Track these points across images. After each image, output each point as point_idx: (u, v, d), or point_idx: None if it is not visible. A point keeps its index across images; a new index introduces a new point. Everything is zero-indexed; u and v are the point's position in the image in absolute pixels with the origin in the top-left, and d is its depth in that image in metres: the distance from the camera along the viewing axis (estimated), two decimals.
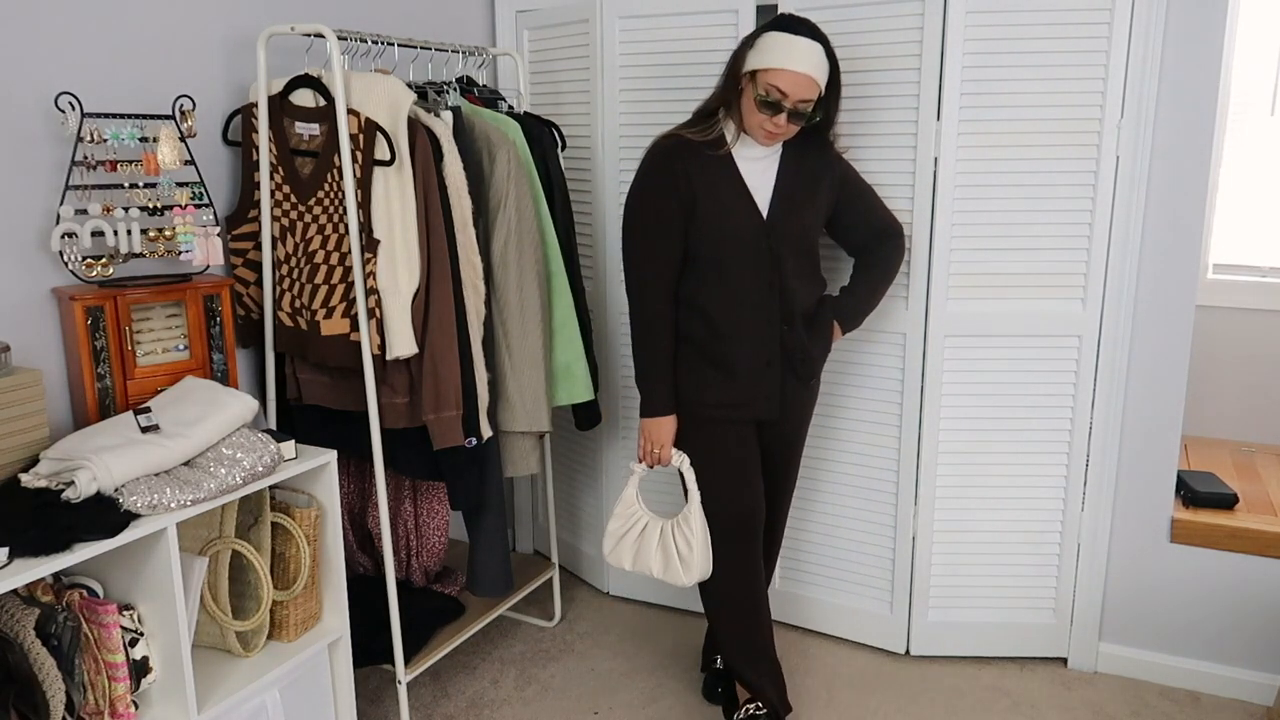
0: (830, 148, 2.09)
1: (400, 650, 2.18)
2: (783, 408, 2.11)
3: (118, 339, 1.81)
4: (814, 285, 2.11)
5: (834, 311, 2.13)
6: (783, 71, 1.86)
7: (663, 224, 1.98)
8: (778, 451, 2.20)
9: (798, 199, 2.02)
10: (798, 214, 2.02)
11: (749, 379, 2.04)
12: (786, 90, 1.87)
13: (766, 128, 1.92)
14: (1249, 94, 3.18)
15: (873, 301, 2.18)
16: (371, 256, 2.00)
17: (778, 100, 1.88)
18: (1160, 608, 2.45)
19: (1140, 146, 2.23)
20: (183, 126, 1.94)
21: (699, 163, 1.98)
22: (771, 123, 1.91)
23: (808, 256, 2.07)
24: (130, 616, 1.62)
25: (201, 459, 1.71)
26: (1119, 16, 2.17)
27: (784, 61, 1.86)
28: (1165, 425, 2.37)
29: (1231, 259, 3.28)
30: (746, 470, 2.10)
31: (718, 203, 1.98)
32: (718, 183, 1.99)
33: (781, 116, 1.89)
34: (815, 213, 2.06)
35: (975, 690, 2.45)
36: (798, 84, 1.87)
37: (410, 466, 2.20)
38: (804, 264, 2.06)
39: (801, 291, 2.06)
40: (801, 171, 2.04)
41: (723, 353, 2.03)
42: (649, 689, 2.47)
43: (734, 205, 1.99)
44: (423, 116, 2.03)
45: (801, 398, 2.16)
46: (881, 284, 2.19)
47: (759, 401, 2.07)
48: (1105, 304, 2.32)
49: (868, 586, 2.60)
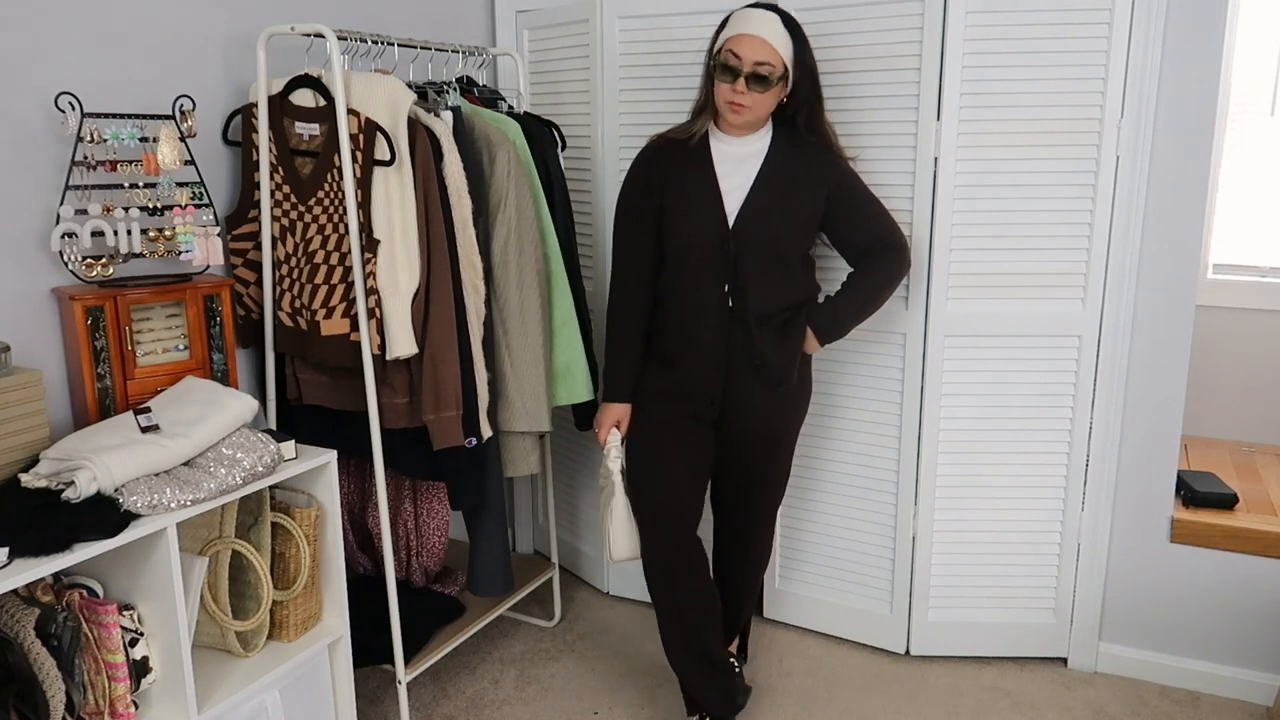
0: (828, 154, 2.06)
1: (400, 650, 2.18)
2: (727, 410, 2.09)
3: (118, 339, 1.81)
4: (787, 292, 2.06)
5: (810, 319, 2.09)
6: (738, 36, 1.93)
7: (637, 223, 2.09)
8: (745, 462, 2.16)
9: (771, 206, 2.01)
10: (768, 221, 2.01)
11: (686, 377, 2.09)
12: (741, 53, 1.91)
13: (728, 98, 1.95)
14: (1249, 94, 3.18)
15: (858, 313, 2.12)
16: (371, 256, 2.00)
17: (735, 65, 1.92)
18: (1160, 608, 2.45)
19: (1140, 146, 2.23)
20: (183, 126, 1.94)
21: (676, 164, 2.04)
22: (732, 90, 1.93)
23: (780, 264, 2.04)
24: (130, 616, 1.62)
25: (201, 459, 1.71)
26: (1119, 16, 2.17)
27: (739, 28, 1.94)
28: (1165, 425, 2.37)
29: (1231, 259, 3.28)
30: (672, 473, 2.10)
31: (686, 204, 2.03)
32: (690, 184, 2.03)
33: (740, 81, 1.92)
34: (792, 221, 2.03)
35: (975, 690, 2.45)
36: (752, 46, 1.91)
37: (410, 466, 2.20)
38: (774, 272, 2.03)
39: (767, 298, 2.03)
40: (784, 177, 2.03)
41: (667, 349, 2.10)
42: (649, 689, 2.47)
43: (701, 207, 2.02)
44: (423, 116, 2.03)
45: (766, 404, 2.10)
46: (872, 296, 2.11)
47: (698, 401, 2.09)
48: (1105, 304, 2.33)
49: (868, 586, 2.60)
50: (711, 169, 2.02)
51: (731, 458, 2.17)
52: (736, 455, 2.16)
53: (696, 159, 2.03)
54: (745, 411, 2.09)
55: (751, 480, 2.20)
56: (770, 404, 2.11)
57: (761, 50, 1.91)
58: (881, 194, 2.33)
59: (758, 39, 1.91)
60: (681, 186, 2.03)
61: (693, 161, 2.03)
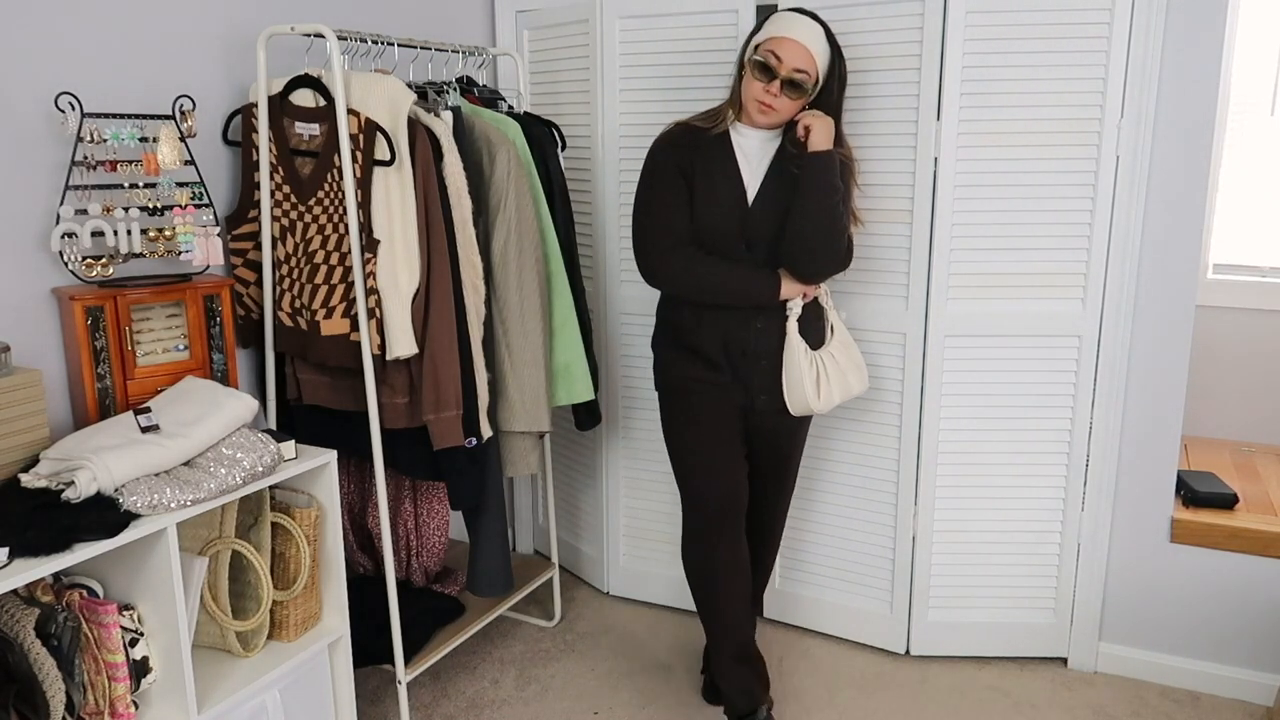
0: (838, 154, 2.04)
1: (400, 650, 2.18)
2: (754, 395, 2.10)
3: (118, 339, 1.81)
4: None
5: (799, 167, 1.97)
6: (781, 39, 1.91)
7: (676, 200, 2.02)
8: (770, 446, 2.19)
9: (782, 198, 2.02)
10: (778, 214, 2.01)
11: (724, 363, 2.08)
12: (782, 56, 1.91)
13: (760, 98, 1.94)
14: (1249, 94, 3.18)
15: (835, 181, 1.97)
16: (371, 256, 2.00)
17: (773, 66, 1.91)
18: (1160, 608, 2.45)
19: (1140, 146, 2.23)
20: (183, 126, 1.94)
21: (700, 148, 2.03)
22: (765, 91, 1.93)
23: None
24: (130, 616, 1.62)
25: (201, 459, 1.71)
26: (1119, 16, 2.17)
27: (782, 30, 1.92)
28: (1165, 425, 2.37)
29: (1231, 259, 3.28)
30: (722, 455, 2.10)
31: (712, 192, 2.02)
32: (716, 173, 2.02)
33: (775, 84, 1.92)
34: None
35: (975, 690, 2.45)
36: (794, 52, 1.90)
37: (410, 466, 2.20)
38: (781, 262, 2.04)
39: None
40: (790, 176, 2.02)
41: (691, 340, 2.09)
42: (649, 689, 2.47)
43: (724, 196, 2.02)
44: (423, 116, 2.03)
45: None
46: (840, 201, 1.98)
47: (734, 384, 2.09)
48: (1105, 304, 2.32)
49: (868, 586, 2.60)
50: (734, 160, 2.03)
51: (763, 449, 2.19)
52: (766, 445, 2.18)
53: (719, 149, 2.04)
54: (772, 395, 2.10)
55: (779, 472, 2.23)
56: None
57: (802, 58, 1.91)
58: (881, 194, 2.34)
59: (800, 46, 1.91)
60: (708, 174, 2.02)
61: (716, 150, 2.03)
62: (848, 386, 2.13)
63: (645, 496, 2.81)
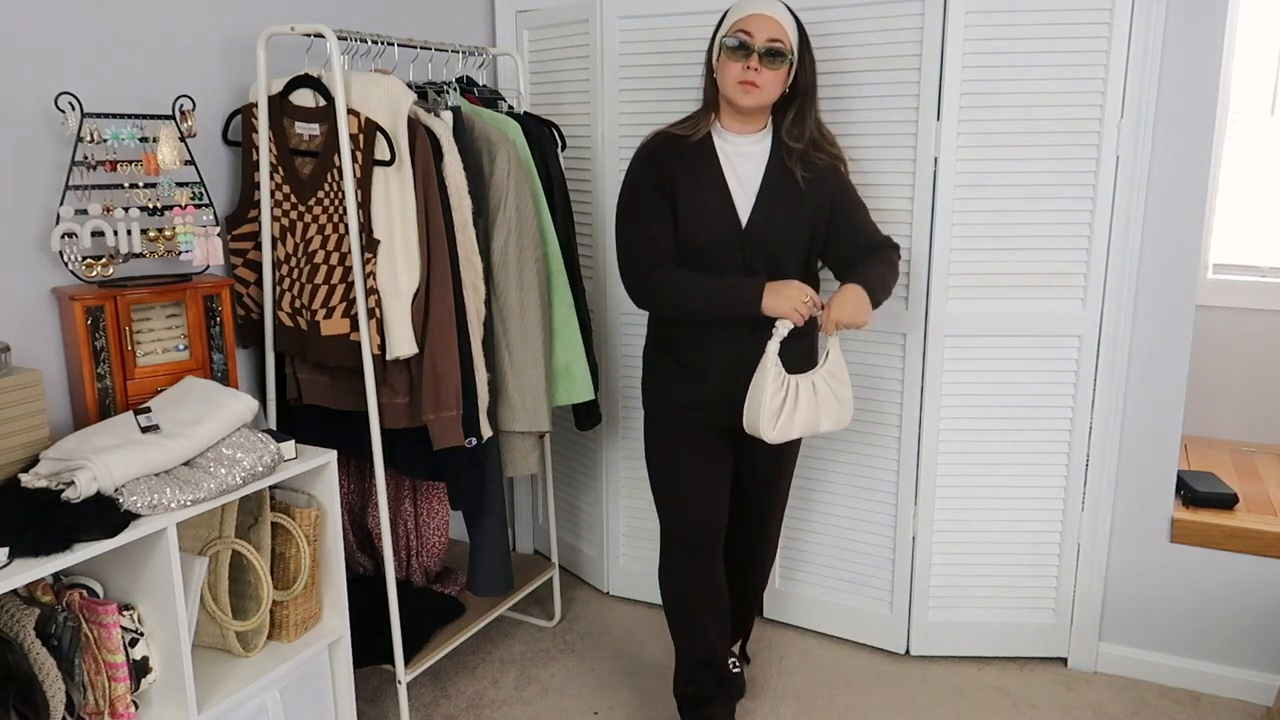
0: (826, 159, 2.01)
1: (400, 650, 2.18)
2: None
3: (118, 339, 1.81)
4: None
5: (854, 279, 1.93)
6: (749, 16, 1.91)
7: (655, 218, 1.96)
8: (760, 464, 2.16)
9: (780, 208, 1.97)
10: (779, 224, 1.97)
11: (703, 385, 2.02)
12: (753, 30, 1.89)
13: (741, 77, 1.90)
14: (1249, 94, 3.18)
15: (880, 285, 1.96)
16: (371, 256, 2.00)
17: (747, 42, 1.90)
18: (1160, 608, 2.45)
19: (1140, 146, 2.23)
20: (183, 126, 1.94)
21: (683, 159, 1.98)
22: (744, 69, 1.90)
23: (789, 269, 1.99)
24: (130, 616, 1.62)
25: (201, 459, 1.71)
26: (1119, 16, 2.17)
27: (747, 8, 1.92)
28: (1165, 425, 2.37)
29: (1231, 259, 3.28)
30: (703, 479, 2.06)
31: (697, 204, 1.96)
32: (700, 183, 1.97)
33: (754, 58, 1.89)
34: (800, 226, 1.99)
35: (975, 690, 2.45)
36: (764, 25, 1.90)
37: (410, 466, 2.20)
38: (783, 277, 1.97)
39: None
40: (790, 179, 1.98)
41: (682, 357, 2.04)
42: (649, 689, 2.47)
43: (713, 208, 1.96)
44: (422, 116, 2.03)
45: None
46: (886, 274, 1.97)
47: (718, 408, 2.03)
48: (1105, 304, 2.33)
49: (868, 586, 2.60)
50: (719, 168, 1.98)
51: (753, 466, 2.16)
52: (756, 463, 2.15)
53: (702, 157, 1.98)
54: None
55: (766, 483, 2.19)
56: None
57: (774, 28, 1.90)
58: (881, 194, 2.33)
59: (769, 18, 1.90)
60: (690, 185, 1.96)
61: (698, 160, 1.98)
62: (815, 423, 1.96)
63: (645, 496, 2.81)
